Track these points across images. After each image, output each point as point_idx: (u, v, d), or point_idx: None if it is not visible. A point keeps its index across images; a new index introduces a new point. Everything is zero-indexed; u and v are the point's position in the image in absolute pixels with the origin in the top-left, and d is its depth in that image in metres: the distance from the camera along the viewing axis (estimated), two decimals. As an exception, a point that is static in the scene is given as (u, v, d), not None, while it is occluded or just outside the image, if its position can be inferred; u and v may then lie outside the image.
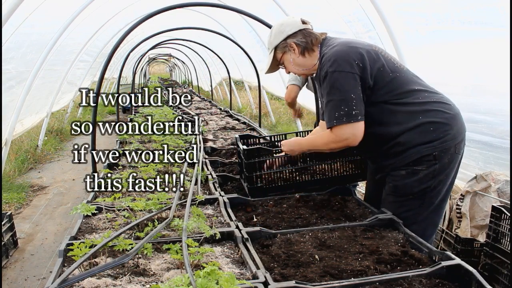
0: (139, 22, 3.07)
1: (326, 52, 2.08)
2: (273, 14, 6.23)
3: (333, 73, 2.00)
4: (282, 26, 2.21)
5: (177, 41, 9.49)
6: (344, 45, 2.07)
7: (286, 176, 2.51)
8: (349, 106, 1.98)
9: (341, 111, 1.99)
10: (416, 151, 2.05)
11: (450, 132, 2.06)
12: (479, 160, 3.59)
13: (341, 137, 2.04)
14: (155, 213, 2.03)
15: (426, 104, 2.07)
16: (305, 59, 2.22)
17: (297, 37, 2.19)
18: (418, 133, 2.05)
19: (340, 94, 1.99)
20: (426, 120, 2.05)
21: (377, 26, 4.32)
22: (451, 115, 2.09)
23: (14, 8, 3.06)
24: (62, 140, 9.01)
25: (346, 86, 1.98)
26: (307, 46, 2.19)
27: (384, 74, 2.05)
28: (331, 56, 2.03)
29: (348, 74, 1.98)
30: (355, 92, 1.99)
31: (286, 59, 2.25)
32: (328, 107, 2.05)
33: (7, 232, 3.71)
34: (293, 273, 1.57)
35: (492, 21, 3.20)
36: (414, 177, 2.08)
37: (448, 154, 2.06)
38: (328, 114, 2.05)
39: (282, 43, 2.21)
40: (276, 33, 2.22)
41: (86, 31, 8.19)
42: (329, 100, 2.04)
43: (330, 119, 2.04)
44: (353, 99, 1.98)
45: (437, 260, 1.65)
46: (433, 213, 2.14)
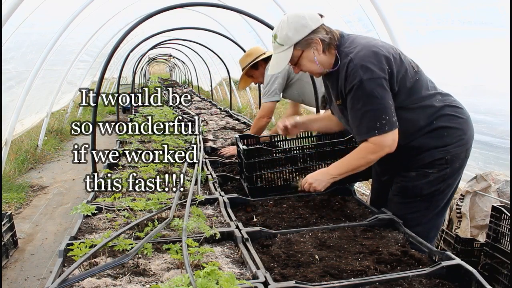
0: (139, 22, 3.07)
1: (353, 58, 1.92)
2: (273, 14, 6.23)
3: (369, 81, 1.87)
4: (303, 20, 1.96)
5: (177, 41, 9.49)
6: (370, 48, 1.93)
7: (286, 176, 2.51)
8: (389, 114, 1.89)
9: (382, 120, 1.88)
10: (429, 155, 2.03)
11: (464, 138, 2.04)
12: (479, 160, 3.59)
13: (382, 146, 1.93)
14: (155, 213, 2.03)
15: (441, 109, 2.03)
16: (326, 57, 2.03)
17: (320, 32, 1.98)
18: (432, 138, 2.02)
19: (379, 102, 1.88)
20: (440, 125, 2.02)
21: (377, 26, 4.32)
22: (464, 119, 2.07)
23: (14, 8, 3.06)
24: (62, 140, 9.02)
25: (383, 93, 1.88)
26: (330, 43, 2.00)
27: (406, 79, 1.98)
28: (361, 62, 1.89)
29: (383, 80, 1.89)
30: (391, 99, 1.91)
31: (308, 56, 2.02)
32: (367, 117, 1.92)
33: (7, 232, 3.71)
34: (293, 273, 1.57)
35: (492, 21, 3.20)
36: (424, 179, 2.05)
37: (460, 159, 2.05)
38: (367, 124, 1.92)
39: (306, 38, 1.97)
40: (297, 27, 1.96)
41: (86, 31, 8.19)
42: (368, 109, 1.90)
43: (370, 129, 1.92)
44: (391, 106, 1.90)
45: (437, 260, 1.65)
46: (437, 215, 2.13)
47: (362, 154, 2.00)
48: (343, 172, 2.08)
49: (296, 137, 2.86)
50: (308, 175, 2.18)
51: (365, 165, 2.03)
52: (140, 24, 3.09)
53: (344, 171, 2.08)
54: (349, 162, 2.06)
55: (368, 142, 1.96)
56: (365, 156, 1.99)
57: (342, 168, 2.08)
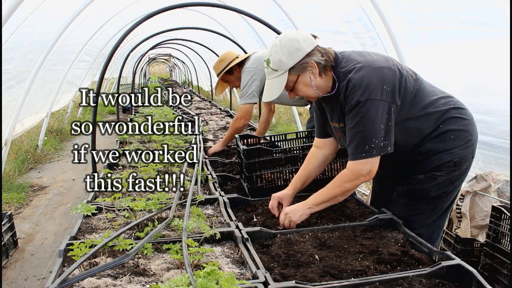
0: (139, 22, 3.07)
1: (353, 78, 1.86)
2: (273, 14, 6.23)
3: (366, 102, 1.82)
4: (297, 43, 1.88)
5: (177, 41, 9.49)
6: (369, 68, 1.88)
7: (286, 176, 2.51)
8: (379, 139, 1.84)
9: (372, 144, 1.85)
10: (438, 158, 2.01)
11: (471, 139, 2.04)
12: (479, 160, 3.59)
13: (359, 174, 1.89)
14: (155, 213, 2.03)
15: (445, 112, 2.00)
16: (323, 80, 1.95)
17: (316, 55, 1.90)
18: (439, 142, 2.00)
19: (371, 125, 1.84)
20: (447, 128, 2.00)
21: (377, 26, 4.32)
22: (468, 120, 2.06)
23: (14, 8, 3.06)
24: (62, 140, 9.02)
25: (378, 116, 1.83)
26: (326, 65, 1.93)
27: (407, 92, 1.93)
28: (360, 82, 1.84)
29: (380, 102, 1.83)
30: (386, 122, 1.85)
31: (304, 81, 1.93)
32: (357, 138, 1.87)
33: (7, 232, 3.71)
34: (293, 273, 1.57)
35: (492, 21, 3.20)
36: (432, 182, 2.03)
37: (467, 161, 2.04)
38: (356, 145, 1.88)
39: (301, 62, 1.89)
40: (291, 51, 1.88)
41: (86, 31, 8.19)
42: (358, 130, 1.86)
43: (358, 151, 1.87)
44: (382, 130, 1.84)
45: (437, 260, 1.65)
46: (441, 216, 2.12)
47: (337, 183, 1.97)
48: (319, 202, 2.01)
49: (296, 137, 2.86)
50: (285, 208, 2.07)
51: (341, 194, 1.98)
52: (140, 24, 3.09)
53: (320, 201, 2.01)
54: (326, 192, 2.01)
55: (346, 169, 1.94)
56: (340, 184, 1.95)
57: (318, 198, 2.02)
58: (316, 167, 2.26)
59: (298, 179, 2.25)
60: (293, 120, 9.14)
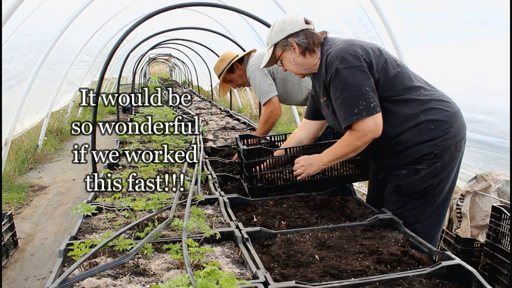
0: (139, 22, 3.07)
1: (331, 51, 2.05)
2: (273, 14, 6.23)
3: (344, 70, 1.98)
4: (284, 24, 2.17)
5: (177, 41, 9.49)
6: (348, 42, 2.07)
7: (286, 176, 2.51)
8: (366, 100, 1.96)
9: (359, 106, 1.96)
10: (417, 150, 2.06)
11: (451, 130, 2.06)
12: (479, 160, 3.59)
13: (365, 131, 2.00)
14: (155, 213, 2.03)
15: (426, 102, 2.07)
16: (306, 59, 2.19)
17: (298, 36, 2.16)
18: (419, 132, 2.05)
19: (355, 89, 1.97)
20: (426, 118, 2.05)
21: (377, 26, 4.32)
22: (451, 113, 2.09)
23: (14, 8, 3.06)
24: (62, 140, 9.02)
25: (360, 80, 1.97)
26: (308, 47, 2.16)
27: (388, 70, 2.05)
28: (338, 54, 2.01)
29: (359, 68, 1.97)
30: (369, 85, 1.98)
31: (286, 57, 2.23)
32: (344, 104, 2.01)
33: (7, 232, 3.71)
34: (293, 273, 1.57)
35: (492, 21, 3.20)
36: (415, 176, 2.08)
37: (449, 152, 2.06)
38: (345, 111, 2.01)
39: (283, 41, 2.18)
40: (278, 31, 2.19)
41: (86, 31, 8.19)
42: (345, 96, 2.00)
43: (349, 116, 2.00)
44: (368, 92, 1.97)
45: (437, 260, 1.65)
46: (436, 212, 2.14)
47: (347, 141, 2.09)
48: (333, 159, 2.20)
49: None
50: (302, 157, 2.27)
51: (352, 151, 2.11)
52: (140, 24, 3.09)
53: (334, 158, 2.20)
54: (338, 150, 2.15)
55: (352, 129, 2.05)
56: (350, 142, 2.07)
57: (332, 155, 2.19)
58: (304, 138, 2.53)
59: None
60: (293, 120, 9.14)
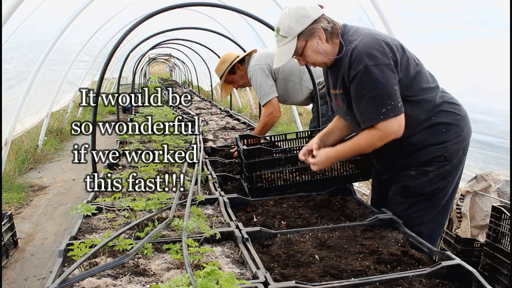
0: (139, 22, 3.07)
1: (357, 45, 1.93)
2: (273, 14, 6.23)
3: (373, 67, 1.88)
4: (304, 10, 1.99)
5: (177, 41, 9.47)
6: (373, 36, 1.96)
7: (286, 176, 2.51)
8: (395, 100, 1.90)
9: (388, 106, 1.89)
10: (428, 152, 2.03)
11: (461, 134, 2.05)
12: (479, 160, 3.59)
13: (389, 132, 1.93)
14: (155, 213, 2.03)
15: (439, 105, 2.04)
16: (330, 46, 2.04)
17: (322, 22, 2.01)
18: (430, 134, 2.03)
19: (384, 88, 1.88)
20: (439, 121, 2.02)
21: (377, 26, 4.32)
22: (462, 116, 2.08)
23: (14, 8, 3.06)
24: (62, 140, 9.02)
25: (389, 79, 1.89)
26: (333, 32, 2.02)
27: (409, 69, 1.99)
28: (366, 49, 1.90)
29: (388, 66, 1.90)
30: (396, 84, 1.92)
31: (311, 47, 2.03)
32: (372, 103, 1.91)
33: (7, 232, 3.71)
34: (293, 273, 1.57)
35: (492, 21, 3.20)
36: (424, 177, 2.05)
37: (458, 156, 2.05)
38: (372, 110, 1.92)
39: (309, 28, 1.99)
40: (299, 18, 1.98)
41: (86, 31, 8.19)
42: (374, 95, 1.90)
43: (375, 115, 1.92)
44: (396, 92, 1.91)
45: (437, 260, 1.65)
46: (440, 214, 2.13)
47: (369, 140, 2.00)
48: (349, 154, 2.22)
49: (296, 137, 2.86)
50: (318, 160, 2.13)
51: (369, 149, 2.08)
52: (140, 24, 3.09)
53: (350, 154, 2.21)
54: (355, 148, 2.08)
55: (375, 129, 1.96)
56: (373, 142, 2.00)
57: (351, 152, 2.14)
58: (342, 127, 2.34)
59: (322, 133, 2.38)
60: (293, 120, 9.14)
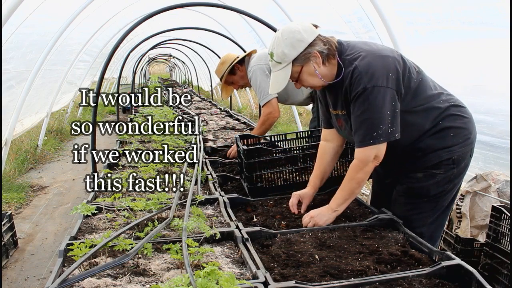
0: (139, 22, 3.07)
1: (358, 65, 1.88)
2: (273, 14, 6.23)
3: (373, 89, 1.84)
4: (298, 34, 1.90)
5: (177, 41, 9.48)
6: (374, 54, 1.91)
7: (286, 176, 2.51)
8: (386, 125, 1.87)
9: (379, 130, 1.87)
10: (436, 156, 2.01)
11: (470, 137, 2.04)
12: (479, 160, 3.59)
13: (366, 161, 1.92)
14: (155, 213, 2.03)
15: (446, 109, 2.01)
16: (327, 69, 1.97)
17: (318, 44, 1.92)
18: (438, 139, 2.01)
19: (378, 111, 1.85)
20: (446, 125, 2.00)
21: (377, 26, 4.32)
22: (468, 119, 2.07)
23: (14, 8, 3.06)
24: (62, 140, 9.02)
25: (385, 103, 1.85)
26: (329, 54, 1.94)
27: (411, 81, 1.96)
28: (366, 69, 1.86)
29: (387, 89, 1.85)
30: (392, 109, 1.87)
31: (307, 71, 1.97)
32: (365, 125, 1.89)
33: (7, 232, 3.71)
34: (293, 273, 1.57)
35: (492, 21, 3.20)
36: (431, 180, 2.03)
37: (465, 159, 2.05)
38: (364, 131, 1.90)
39: (304, 53, 1.92)
40: (293, 43, 1.90)
41: (86, 31, 8.19)
42: (366, 118, 1.88)
43: (366, 138, 1.90)
44: (389, 116, 1.86)
45: (437, 260, 1.65)
46: (441, 215, 2.13)
47: (350, 176, 1.99)
48: (341, 202, 2.04)
49: (296, 137, 2.86)
50: (311, 211, 2.08)
51: (357, 186, 2.01)
52: (140, 24, 3.09)
53: (342, 201, 2.04)
54: (343, 190, 2.03)
55: (354, 159, 1.97)
56: (353, 177, 1.97)
57: (338, 199, 2.04)
58: (330, 161, 2.29)
59: (315, 177, 2.28)
60: (293, 120, 9.14)
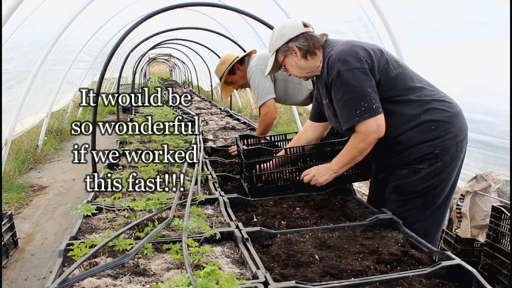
0: (139, 22, 3.07)
1: (332, 54, 2.07)
2: (273, 14, 6.23)
3: (345, 72, 2.00)
4: (283, 29, 2.20)
5: (177, 41, 9.49)
6: (349, 44, 2.09)
7: (286, 176, 2.51)
8: (368, 101, 1.98)
9: (361, 107, 1.99)
10: (417, 150, 2.07)
11: (452, 131, 2.07)
12: (479, 160, 3.59)
13: (368, 132, 2.01)
14: (155, 213, 2.03)
15: (427, 103, 2.07)
16: (308, 62, 2.21)
17: (299, 40, 2.18)
18: (419, 132, 2.06)
19: (357, 91, 1.99)
20: (427, 118, 2.06)
21: (377, 26, 4.32)
22: (453, 113, 2.10)
23: (14, 8, 3.06)
24: (62, 140, 9.02)
25: (361, 81, 1.99)
26: (309, 50, 2.18)
27: (389, 70, 2.07)
28: (339, 56, 2.03)
29: (361, 70, 2.00)
30: (370, 86, 2.00)
31: (288, 62, 2.25)
32: (347, 106, 2.03)
33: (7, 232, 3.71)
34: (293, 273, 1.57)
35: (492, 21, 3.20)
36: (415, 175, 2.09)
37: (450, 153, 2.07)
38: (347, 112, 2.03)
39: (284, 46, 2.21)
40: (278, 36, 2.21)
41: (86, 31, 8.19)
42: (347, 98, 2.02)
43: (351, 117, 2.02)
44: (370, 94, 1.99)
45: (437, 260, 1.65)
46: (436, 212, 2.14)
47: (352, 145, 2.10)
48: (342, 165, 2.19)
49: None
50: (312, 168, 2.27)
51: (359, 154, 2.12)
52: (140, 24, 3.09)
53: (343, 164, 2.19)
54: (345, 155, 2.16)
55: (356, 132, 2.06)
56: (355, 146, 2.09)
57: (340, 161, 2.19)
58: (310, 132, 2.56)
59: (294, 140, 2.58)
60: (293, 120, 9.14)
